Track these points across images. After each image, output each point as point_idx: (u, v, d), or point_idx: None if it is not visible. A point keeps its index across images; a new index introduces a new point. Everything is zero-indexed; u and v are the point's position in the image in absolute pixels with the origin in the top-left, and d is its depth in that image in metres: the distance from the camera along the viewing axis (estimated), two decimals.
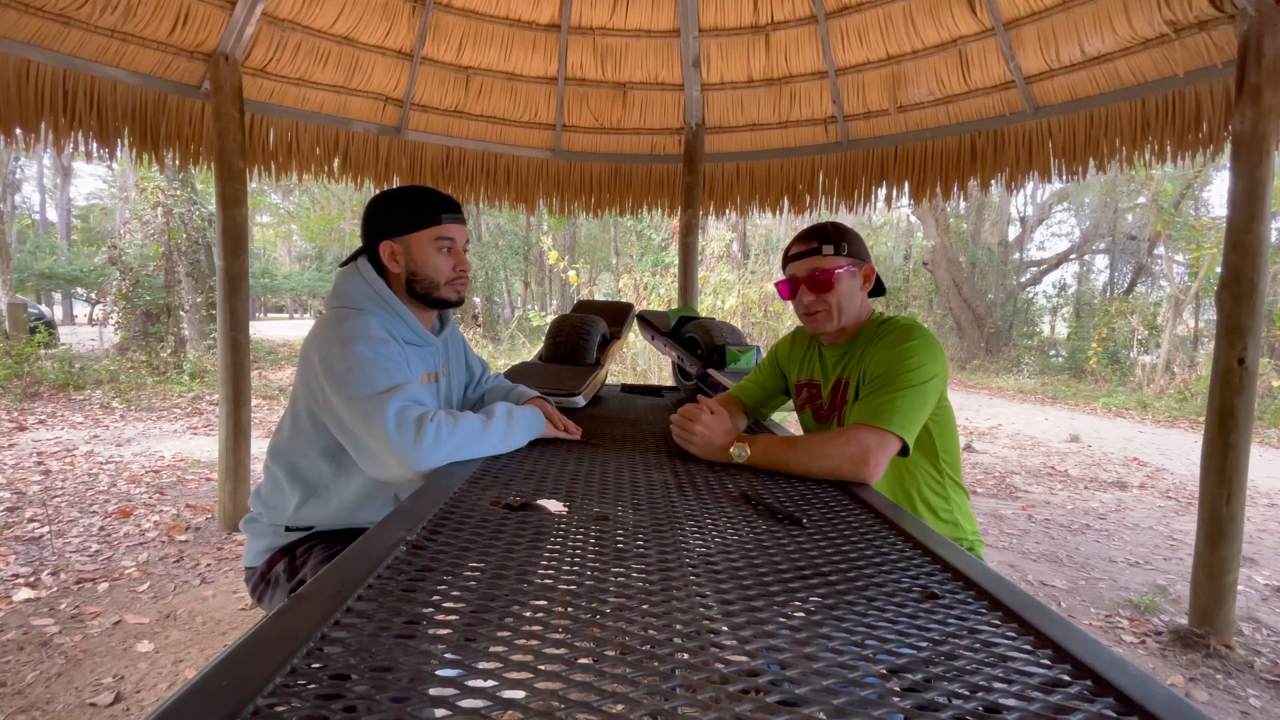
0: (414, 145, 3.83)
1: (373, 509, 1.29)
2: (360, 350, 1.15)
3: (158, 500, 3.68)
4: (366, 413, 1.09)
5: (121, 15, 2.73)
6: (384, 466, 1.09)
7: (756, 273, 10.08)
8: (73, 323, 23.45)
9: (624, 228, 15.03)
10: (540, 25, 3.62)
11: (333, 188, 13.25)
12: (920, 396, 1.23)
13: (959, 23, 3.14)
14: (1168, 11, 2.52)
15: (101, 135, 2.91)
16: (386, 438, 1.06)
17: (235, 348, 3.11)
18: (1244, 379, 2.23)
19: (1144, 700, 0.47)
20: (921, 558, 0.79)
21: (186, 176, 9.10)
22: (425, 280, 1.31)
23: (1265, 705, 2.00)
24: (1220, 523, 2.28)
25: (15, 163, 16.14)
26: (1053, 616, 0.61)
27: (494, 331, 14.66)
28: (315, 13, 3.15)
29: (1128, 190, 14.80)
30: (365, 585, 0.62)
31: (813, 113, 3.78)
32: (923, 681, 0.51)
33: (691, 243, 3.95)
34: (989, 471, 5.10)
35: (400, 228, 1.29)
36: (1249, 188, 2.22)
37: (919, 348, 1.27)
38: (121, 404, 6.64)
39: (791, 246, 1.43)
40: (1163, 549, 3.46)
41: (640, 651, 0.54)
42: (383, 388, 1.11)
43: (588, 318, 2.12)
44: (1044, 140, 3.15)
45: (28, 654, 2.06)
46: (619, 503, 0.96)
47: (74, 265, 16.91)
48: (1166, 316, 10.76)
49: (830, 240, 1.37)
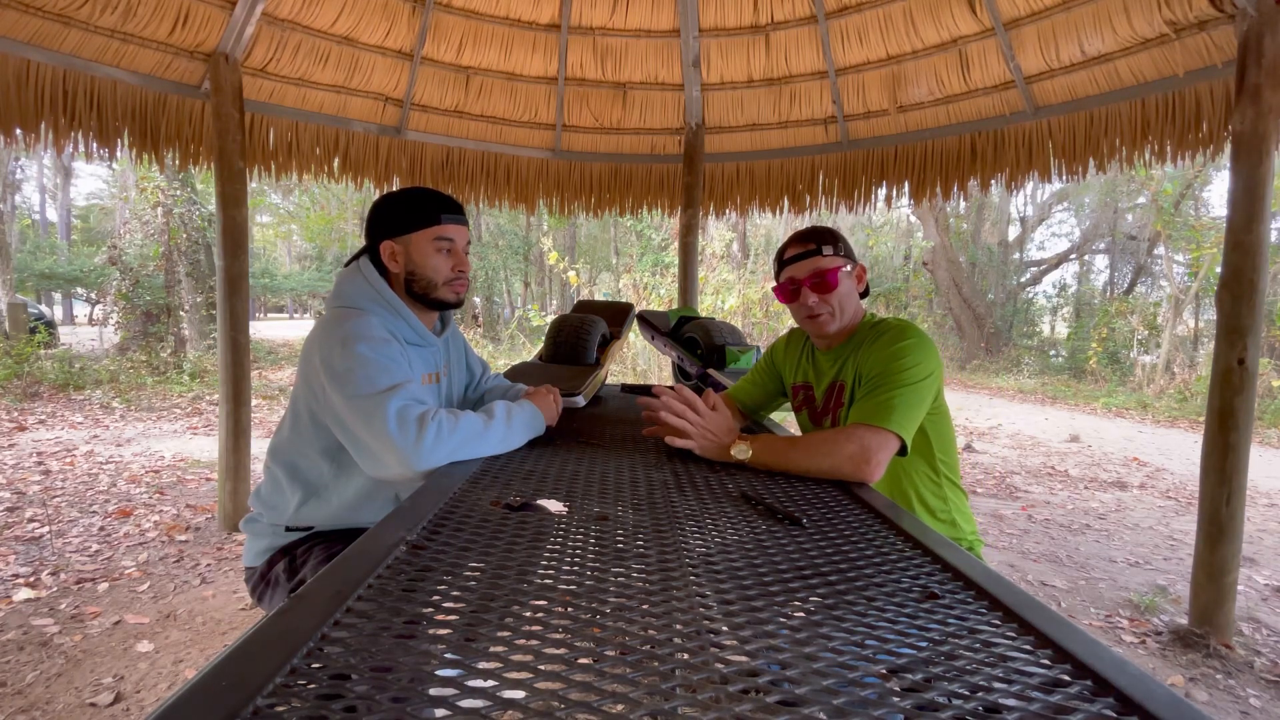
0: (414, 145, 3.83)
1: (373, 509, 1.29)
2: (361, 350, 1.14)
3: (158, 500, 3.68)
4: (367, 412, 1.09)
5: (121, 15, 2.72)
6: (384, 466, 1.09)
7: (757, 273, 10.08)
8: (73, 323, 23.45)
9: (624, 228, 15.03)
10: (540, 25, 3.62)
11: (333, 188, 13.26)
12: (917, 395, 1.24)
13: (959, 23, 3.14)
14: (1168, 11, 2.52)
15: (101, 135, 2.91)
16: (387, 437, 1.06)
17: (235, 348, 3.11)
18: (1244, 379, 2.23)
19: (1144, 700, 0.47)
20: (921, 558, 0.79)
21: (186, 176, 9.10)
22: (424, 280, 1.31)
23: (1265, 705, 2.00)
24: (1220, 523, 2.28)
25: (15, 163, 16.13)
26: (1053, 616, 0.61)
27: (494, 331, 14.66)
28: (315, 13, 3.15)
29: (1128, 190, 14.80)
30: (365, 585, 0.62)
31: (813, 113, 3.78)
32: (923, 681, 0.51)
33: (691, 243, 3.95)
34: (989, 471, 5.10)
35: (400, 228, 1.30)
36: (1249, 188, 2.22)
37: (914, 347, 1.28)
38: (121, 404, 6.64)
39: (787, 249, 1.42)
40: (1163, 549, 3.46)
41: (640, 651, 0.54)
42: (383, 387, 1.11)
43: (588, 318, 2.12)
44: (1044, 140, 3.15)
45: (28, 654, 2.06)
46: (619, 503, 0.96)
47: (74, 265, 16.91)
48: (1166, 316, 10.76)
49: (827, 241, 1.38)
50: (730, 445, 1.22)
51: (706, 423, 1.25)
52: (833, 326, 1.39)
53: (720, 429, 1.25)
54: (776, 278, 1.46)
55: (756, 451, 1.21)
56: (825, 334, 1.42)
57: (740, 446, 1.21)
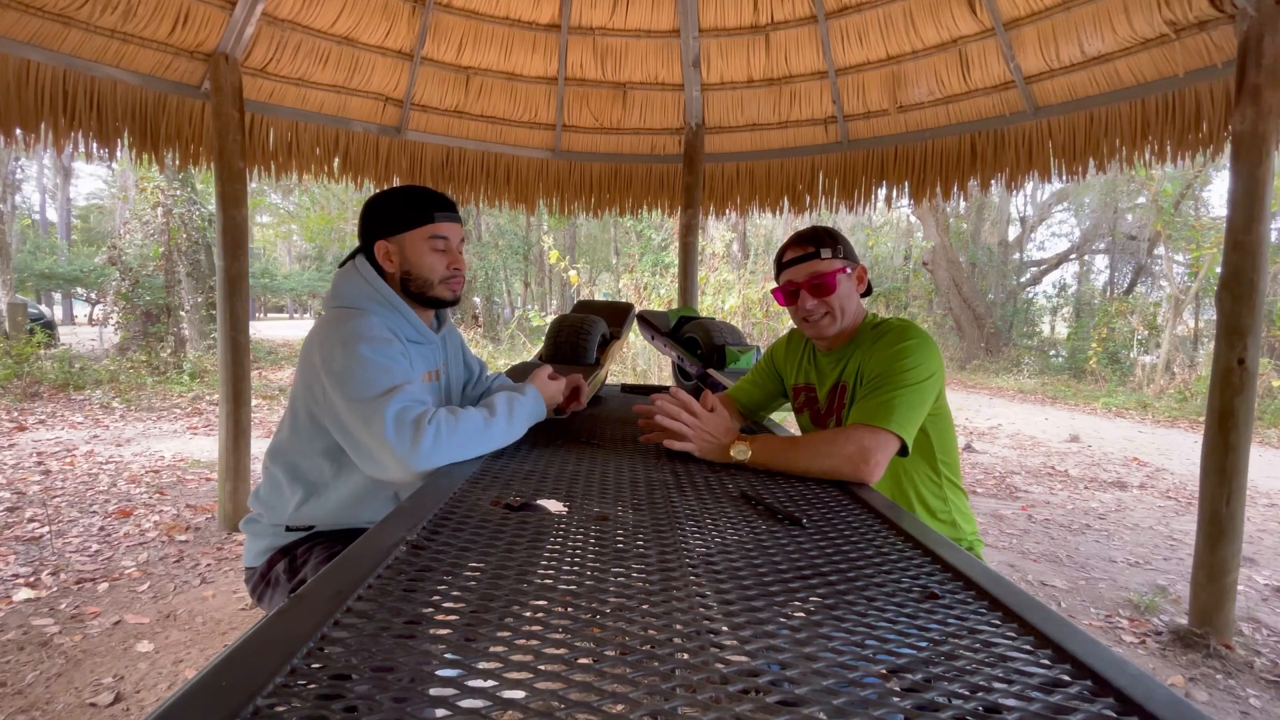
0: (414, 145, 3.83)
1: (373, 508, 1.29)
2: (362, 350, 1.14)
3: (158, 500, 3.68)
4: (365, 415, 1.08)
5: (121, 15, 2.72)
6: (383, 468, 1.09)
7: (757, 273, 10.08)
8: (73, 323, 23.44)
9: (624, 228, 15.03)
10: (540, 25, 3.62)
11: (333, 188, 13.26)
12: (919, 396, 1.23)
13: (959, 23, 3.14)
14: (1168, 11, 2.52)
15: (101, 135, 2.91)
16: (385, 440, 1.06)
17: (235, 348, 3.11)
18: (1244, 379, 2.23)
19: (1144, 700, 0.47)
20: (921, 558, 0.79)
21: (186, 176, 9.10)
22: (419, 279, 1.31)
23: (1265, 705, 2.00)
24: (1220, 523, 2.28)
25: (15, 163, 16.14)
26: (1053, 616, 0.61)
27: (494, 331, 14.65)
28: (315, 13, 3.15)
29: (1128, 190, 14.80)
30: (365, 585, 0.62)
31: (813, 113, 3.78)
32: (923, 681, 0.51)
33: (691, 243, 3.95)
34: (989, 471, 5.10)
35: (394, 227, 1.29)
36: (1249, 188, 2.22)
37: (915, 347, 1.27)
38: (121, 404, 6.64)
39: (785, 252, 1.42)
40: (1163, 549, 3.46)
41: (640, 651, 0.54)
42: (382, 389, 1.10)
43: (588, 318, 2.12)
44: (1044, 140, 3.15)
45: (28, 654, 2.06)
46: (619, 503, 0.96)
47: (74, 265, 16.92)
48: (1166, 316, 10.76)
49: (826, 244, 1.37)
50: (730, 446, 1.22)
51: (704, 424, 1.24)
52: (832, 329, 1.39)
53: (718, 430, 1.25)
54: (776, 279, 1.46)
55: (756, 452, 1.20)
56: (825, 336, 1.42)
57: (740, 447, 1.21)
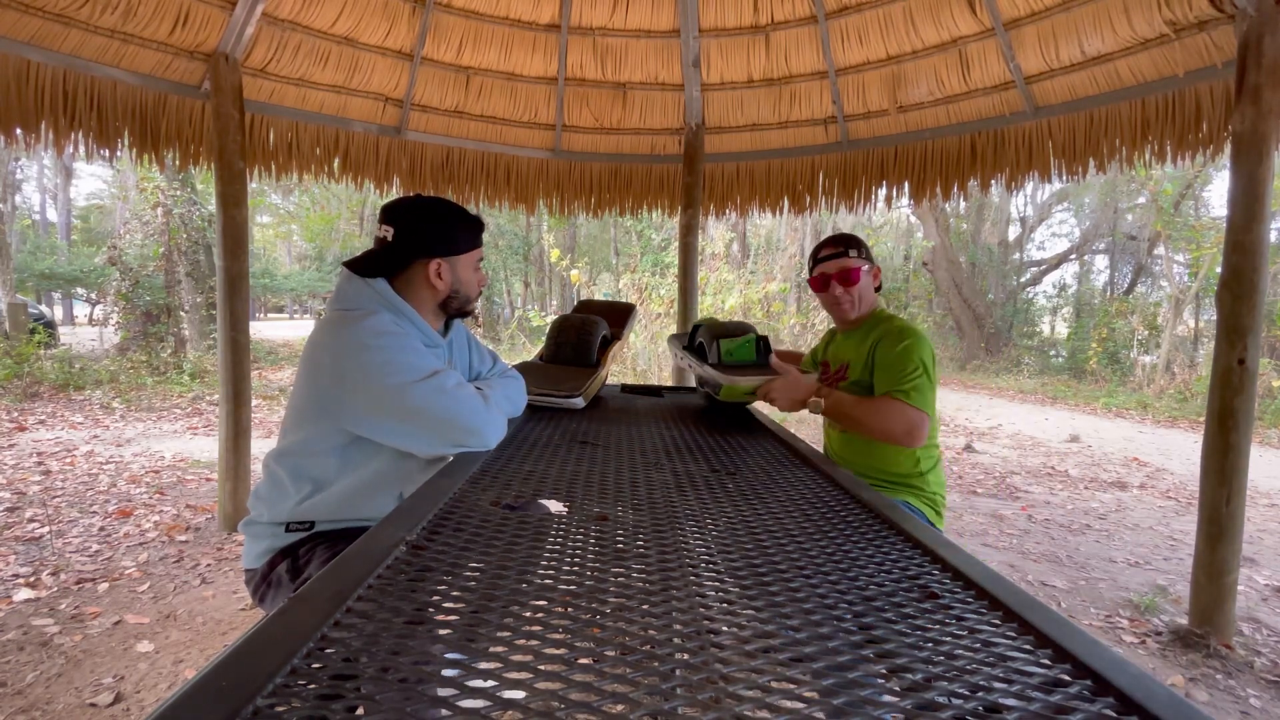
0: (414, 145, 3.83)
1: (375, 504, 1.30)
2: (389, 342, 1.18)
3: (158, 500, 3.68)
4: (423, 394, 1.14)
5: (121, 15, 2.72)
6: (451, 442, 1.16)
7: (757, 273, 10.07)
8: (73, 323, 23.44)
9: (624, 228, 15.02)
10: (540, 25, 3.62)
11: (333, 188, 13.26)
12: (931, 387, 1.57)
13: (959, 23, 3.14)
14: (1168, 11, 2.52)
15: (101, 135, 2.90)
16: (454, 411, 1.15)
17: (235, 348, 3.11)
18: (1244, 379, 2.23)
19: (1144, 700, 0.47)
20: (921, 558, 0.79)
21: (186, 177, 9.09)
22: (463, 298, 1.38)
23: (1265, 705, 2.00)
24: (1220, 523, 2.28)
25: (15, 163, 16.14)
26: (1053, 616, 0.61)
27: (494, 331, 14.66)
28: (315, 13, 3.15)
29: (1128, 190, 14.79)
30: (365, 585, 0.62)
31: (813, 113, 3.78)
32: (923, 681, 0.51)
33: (691, 243, 3.95)
34: (989, 471, 5.10)
35: (455, 248, 1.33)
36: (1249, 188, 2.22)
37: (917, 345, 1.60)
38: (121, 404, 6.64)
39: (821, 250, 1.81)
40: (1163, 549, 3.46)
41: (640, 651, 0.54)
42: (428, 369, 1.18)
43: (589, 318, 2.11)
44: (1044, 140, 3.14)
45: (28, 654, 2.06)
46: (619, 503, 0.97)
47: (74, 265, 16.89)
48: (1166, 316, 10.76)
49: (854, 246, 1.77)
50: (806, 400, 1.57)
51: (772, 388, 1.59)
52: (853, 314, 1.79)
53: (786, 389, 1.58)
54: (810, 272, 1.85)
55: (829, 406, 1.58)
56: (846, 319, 1.81)
57: (816, 401, 1.57)
